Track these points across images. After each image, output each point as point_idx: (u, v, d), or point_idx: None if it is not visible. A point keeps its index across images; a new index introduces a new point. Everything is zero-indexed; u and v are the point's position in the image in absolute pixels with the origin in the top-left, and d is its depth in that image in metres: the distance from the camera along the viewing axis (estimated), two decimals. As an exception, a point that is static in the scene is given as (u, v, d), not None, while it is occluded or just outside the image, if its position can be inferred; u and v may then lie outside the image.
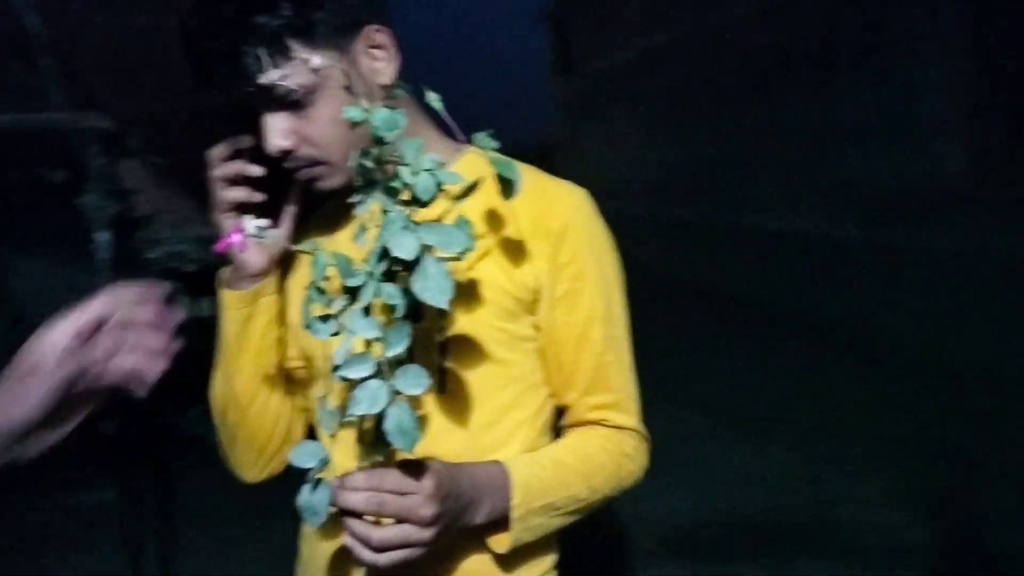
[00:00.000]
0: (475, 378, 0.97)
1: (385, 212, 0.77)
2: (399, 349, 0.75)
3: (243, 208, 0.95)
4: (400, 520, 0.80)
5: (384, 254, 0.75)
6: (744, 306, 7.76)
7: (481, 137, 0.84)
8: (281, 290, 1.02)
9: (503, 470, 0.92)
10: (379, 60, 0.93)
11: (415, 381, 0.75)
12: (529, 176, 0.99)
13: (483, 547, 0.95)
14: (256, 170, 0.93)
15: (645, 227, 10.80)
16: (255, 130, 0.93)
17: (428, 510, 0.80)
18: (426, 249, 0.74)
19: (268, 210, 0.98)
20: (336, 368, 0.76)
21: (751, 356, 6.03)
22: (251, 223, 0.92)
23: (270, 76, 0.87)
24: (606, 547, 3.42)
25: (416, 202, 0.77)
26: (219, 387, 1.05)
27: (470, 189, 0.84)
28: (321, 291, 0.79)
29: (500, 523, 0.92)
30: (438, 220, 0.81)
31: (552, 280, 0.98)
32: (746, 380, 5.50)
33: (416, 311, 0.78)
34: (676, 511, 3.68)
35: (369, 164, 0.78)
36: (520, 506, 0.91)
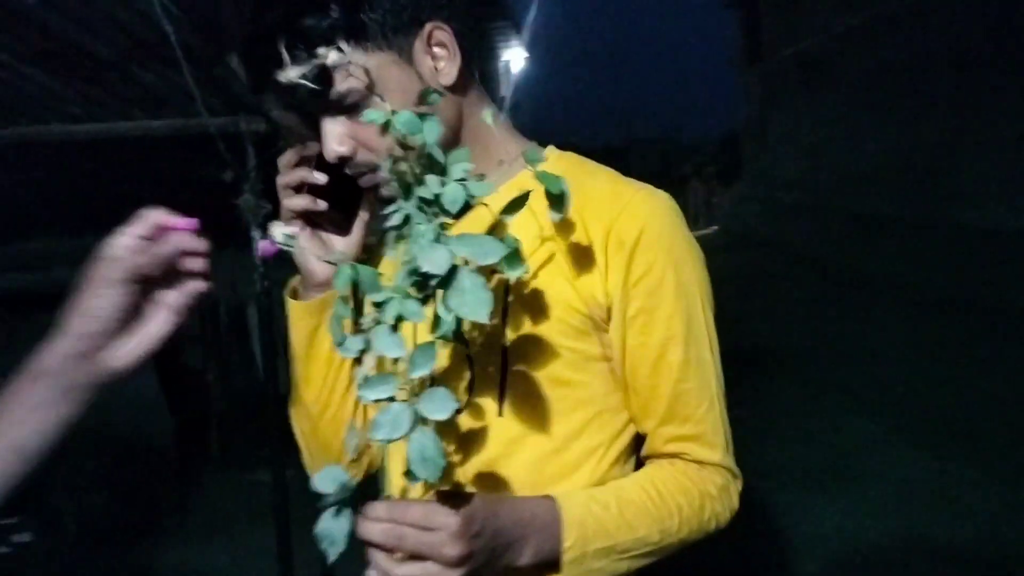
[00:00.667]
0: (539, 400, 0.90)
1: (416, 224, 0.71)
2: (425, 371, 0.69)
3: (306, 216, 0.93)
4: (423, 557, 0.75)
5: (415, 269, 0.70)
6: (949, 308, 7.11)
7: (531, 151, 0.79)
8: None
9: (554, 507, 0.85)
10: (440, 60, 0.89)
11: (440, 406, 0.69)
12: (604, 180, 0.94)
13: None
14: (319, 177, 0.90)
15: (838, 222, 10.19)
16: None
17: (453, 549, 0.74)
18: (461, 262, 0.69)
19: (338, 218, 0.95)
20: (361, 386, 0.71)
21: (949, 361, 5.54)
22: (279, 231, 0.88)
23: (322, 81, 0.83)
24: (759, 567, 3.22)
25: (446, 213, 0.71)
26: (292, 397, 1.04)
27: (517, 204, 0.77)
28: (348, 305, 0.76)
29: (552, 564, 0.84)
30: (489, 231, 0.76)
31: (625, 296, 0.90)
32: (944, 389, 5.04)
33: (458, 330, 0.71)
34: (844, 530, 3.42)
35: (403, 170, 0.73)
36: (573, 548, 0.84)
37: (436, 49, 0.89)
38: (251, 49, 0.87)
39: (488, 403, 0.91)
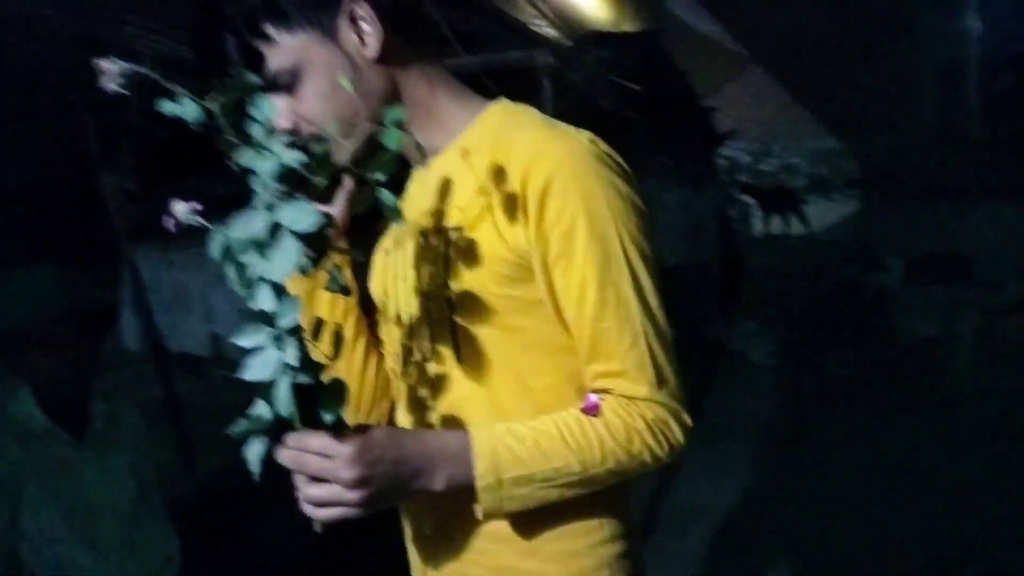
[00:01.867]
0: (490, 346, 0.98)
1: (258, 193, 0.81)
2: (289, 321, 0.80)
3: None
4: (326, 480, 0.86)
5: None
6: None
7: (390, 110, 0.85)
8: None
9: (466, 438, 0.93)
10: (363, 35, 0.96)
11: (292, 353, 0.81)
12: (528, 129, 0.98)
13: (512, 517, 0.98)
14: None
15: None
16: None
17: (348, 472, 0.85)
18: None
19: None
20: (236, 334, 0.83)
21: None
22: (180, 207, 0.89)
23: (251, 67, 0.91)
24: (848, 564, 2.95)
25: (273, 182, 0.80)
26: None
27: (388, 163, 0.84)
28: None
29: (471, 492, 0.93)
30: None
31: (543, 241, 0.94)
32: None
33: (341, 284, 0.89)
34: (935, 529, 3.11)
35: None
36: (486, 476, 0.92)
37: (359, 24, 0.96)
38: (192, 40, 1.00)
39: (446, 350, 1.00)
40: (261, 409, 0.84)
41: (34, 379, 1.73)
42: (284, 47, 0.94)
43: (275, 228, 0.79)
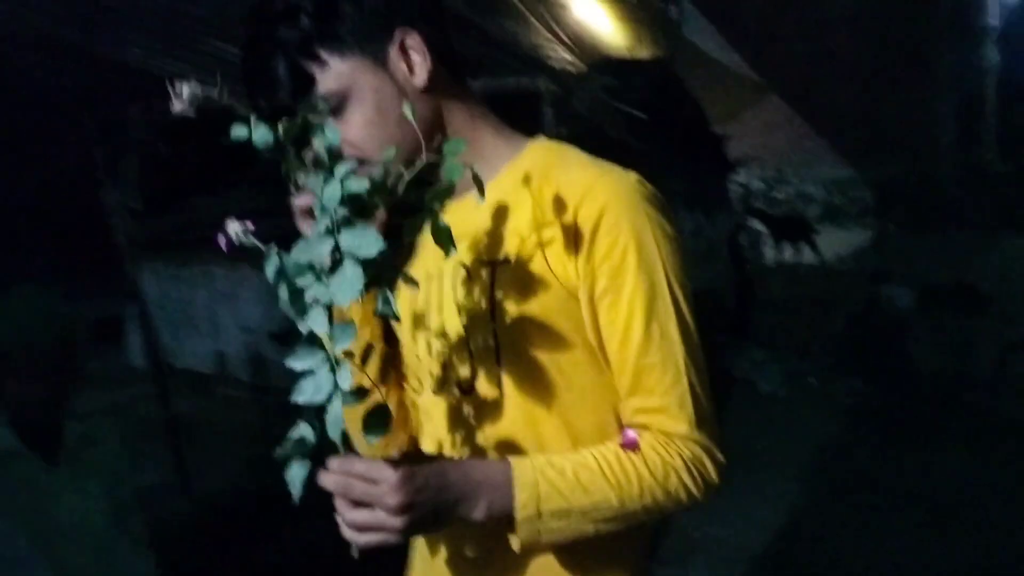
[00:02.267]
0: (532, 377, 0.99)
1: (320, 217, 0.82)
2: (344, 344, 0.81)
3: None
4: (370, 505, 0.85)
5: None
6: None
7: (449, 142, 0.88)
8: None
9: (508, 469, 0.93)
10: (412, 64, 0.98)
11: (344, 377, 0.81)
12: (575, 168, 1.00)
13: (548, 550, 0.99)
14: None
15: None
16: None
17: (393, 499, 0.84)
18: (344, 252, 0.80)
19: None
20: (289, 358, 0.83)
21: None
22: (233, 227, 0.90)
23: (297, 88, 0.93)
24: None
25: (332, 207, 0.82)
26: None
27: (446, 192, 0.87)
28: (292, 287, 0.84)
29: (510, 523, 0.93)
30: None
31: (591, 276, 0.96)
32: None
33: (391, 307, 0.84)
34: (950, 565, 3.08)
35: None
36: (526, 507, 0.91)
37: (409, 54, 0.97)
38: (242, 60, 0.97)
39: (490, 380, 0.99)
40: (304, 432, 0.84)
41: (6, 401, 1.71)
42: (334, 71, 0.94)
43: (337, 254, 0.80)
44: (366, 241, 0.79)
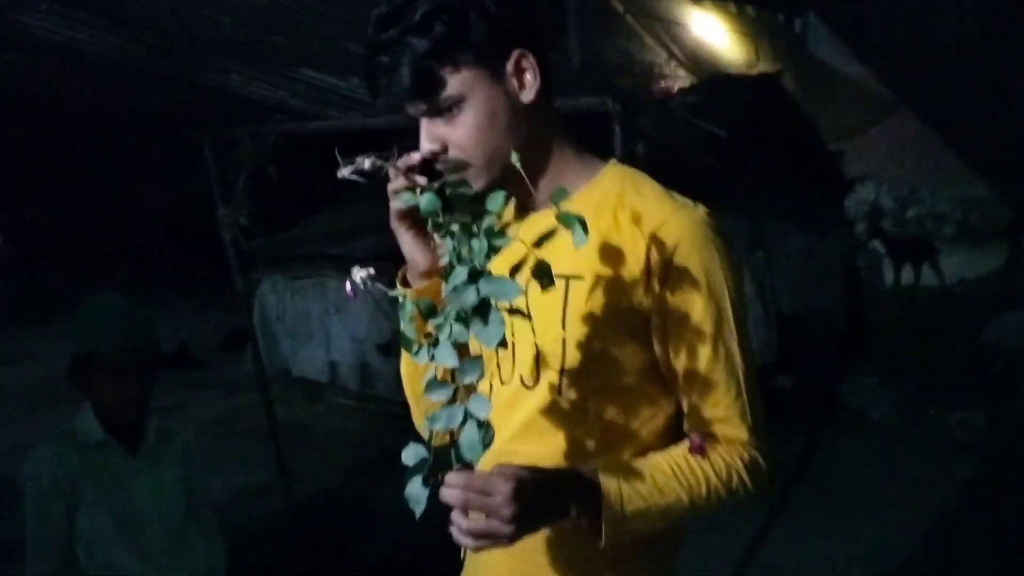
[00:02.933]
0: (593, 383, 1.09)
1: (452, 265, 0.94)
2: (472, 378, 0.93)
3: (411, 216, 1.08)
4: (486, 515, 0.95)
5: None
6: None
7: (556, 191, 0.96)
8: None
9: (594, 476, 1.02)
10: (524, 81, 1.07)
11: (481, 407, 0.92)
12: (651, 196, 1.10)
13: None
14: (421, 180, 1.04)
15: None
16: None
17: (508, 509, 0.93)
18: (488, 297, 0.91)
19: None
20: (426, 389, 0.96)
21: None
22: (358, 274, 1.05)
23: (420, 88, 1.03)
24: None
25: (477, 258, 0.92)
26: (403, 368, 1.25)
27: (546, 238, 0.97)
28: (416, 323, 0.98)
29: (596, 524, 1.02)
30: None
31: (664, 298, 1.07)
32: None
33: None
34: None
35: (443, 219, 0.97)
36: (612, 508, 1.01)
37: (521, 72, 1.07)
38: (369, 60, 1.05)
39: (553, 380, 1.10)
40: (419, 451, 0.95)
41: (96, 398, 1.88)
42: (456, 79, 1.03)
43: (483, 301, 0.90)
44: (505, 288, 0.90)
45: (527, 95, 1.07)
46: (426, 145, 1.06)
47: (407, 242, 1.11)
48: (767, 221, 5.67)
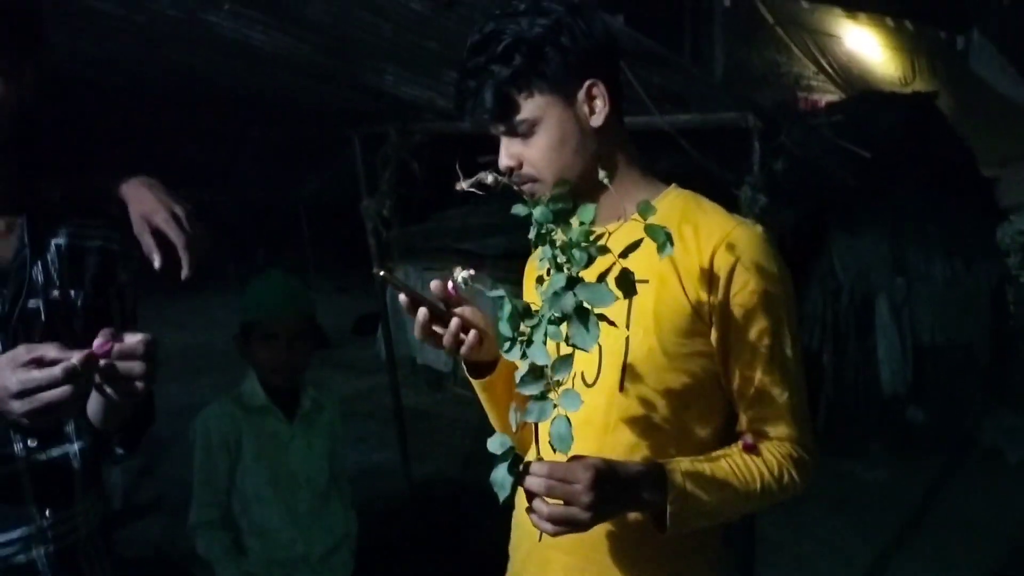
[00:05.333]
0: (652, 382, 1.17)
1: (550, 272, 1.01)
2: (564, 375, 0.99)
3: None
4: (566, 502, 1.02)
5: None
6: None
7: (643, 205, 1.02)
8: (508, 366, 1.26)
9: (662, 471, 1.10)
10: (594, 108, 1.17)
11: (572, 402, 0.99)
12: (712, 215, 1.20)
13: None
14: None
15: None
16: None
17: (587, 497, 1.01)
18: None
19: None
20: (519, 384, 1.02)
21: None
22: (459, 275, 1.13)
23: (499, 111, 1.14)
24: None
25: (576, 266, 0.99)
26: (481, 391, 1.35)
27: (631, 248, 1.02)
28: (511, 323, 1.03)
29: (660, 516, 1.10)
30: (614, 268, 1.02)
31: (725, 307, 1.15)
32: None
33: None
34: None
35: (546, 229, 1.05)
36: (675, 503, 1.08)
37: (592, 100, 1.17)
38: (459, 84, 1.17)
39: (612, 381, 1.18)
40: (506, 442, 1.03)
41: (256, 363, 2.07)
42: (532, 104, 1.15)
43: (581, 307, 0.98)
44: (600, 295, 0.98)
45: (596, 120, 1.17)
46: (504, 161, 1.18)
47: (473, 353, 1.20)
48: (910, 246, 5.45)
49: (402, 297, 1.15)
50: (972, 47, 9.71)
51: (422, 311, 1.15)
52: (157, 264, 1.29)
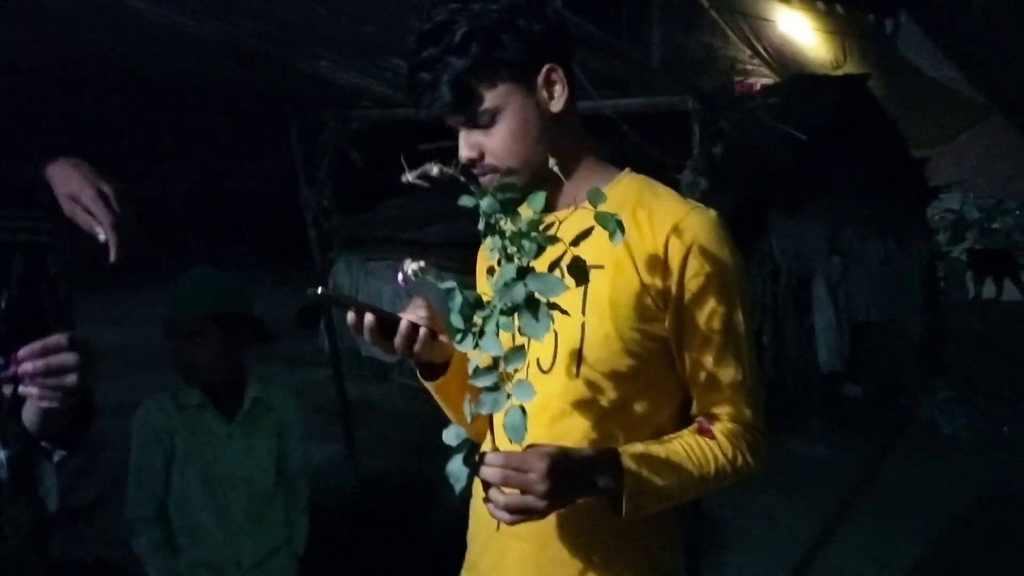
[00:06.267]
0: (607, 368, 1.16)
1: (500, 263, 1.00)
2: (517, 365, 0.99)
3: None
4: (522, 491, 1.02)
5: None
6: None
7: (593, 192, 1.01)
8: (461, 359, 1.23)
9: (616, 457, 1.10)
10: (553, 92, 1.15)
11: (525, 392, 0.98)
12: (667, 199, 1.19)
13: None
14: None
15: None
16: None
17: (543, 486, 1.01)
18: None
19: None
20: (472, 375, 1.00)
21: None
22: (409, 266, 1.10)
23: (459, 103, 1.11)
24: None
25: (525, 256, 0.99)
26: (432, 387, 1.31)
27: (583, 236, 1.02)
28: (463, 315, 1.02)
29: (617, 500, 1.10)
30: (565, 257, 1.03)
31: (679, 292, 1.15)
32: None
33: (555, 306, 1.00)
34: None
35: (495, 219, 1.01)
36: (632, 486, 1.09)
37: (550, 85, 1.15)
38: (412, 76, 1.13)
39: (568, 368, 1.17)
40: (458, 432, 1.02)
41: (178, 361, 1.98)
42: (492, 94, 1.11)
43: (531, 297, 0.97)
44: (550, 284, 0.97)
45: (556, 105, 1.15)
46: (465, 152, 1.16)
47: (425, 353, 1.18)
48: (845, 226, 5.58)
49: (350, 316, 1.11)
50: (900, 31, 9.96)
51: (368, 319, 1.12)
52: (102, 237, 1.22)
